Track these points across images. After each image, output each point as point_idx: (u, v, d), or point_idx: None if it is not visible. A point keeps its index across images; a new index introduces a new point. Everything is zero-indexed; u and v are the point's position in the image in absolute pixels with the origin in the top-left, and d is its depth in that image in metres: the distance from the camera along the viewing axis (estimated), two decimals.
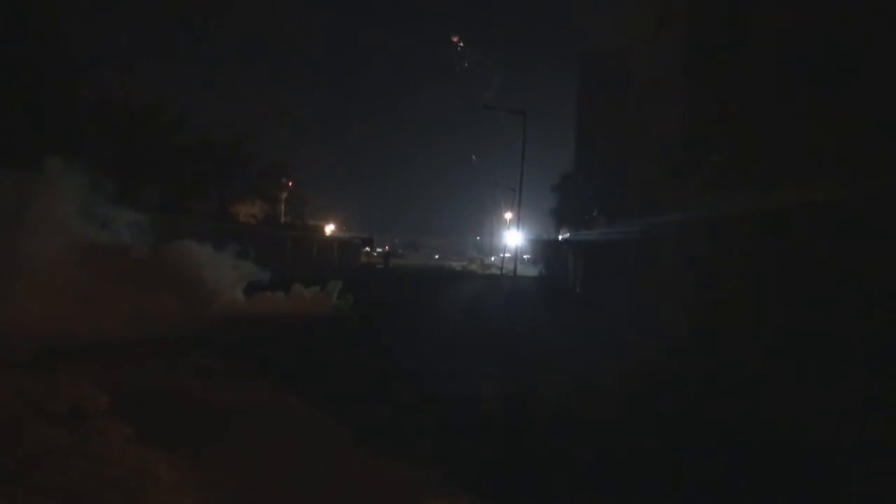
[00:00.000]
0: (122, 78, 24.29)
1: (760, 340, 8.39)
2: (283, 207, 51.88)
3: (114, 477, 3.82)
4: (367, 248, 79.32)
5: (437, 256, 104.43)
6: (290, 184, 53.17)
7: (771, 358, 8.03)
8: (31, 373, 4.12)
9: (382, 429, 6.00)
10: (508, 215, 65.17)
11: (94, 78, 22.97)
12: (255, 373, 7.97)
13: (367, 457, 5.08)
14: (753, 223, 8.53)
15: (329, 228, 70.09)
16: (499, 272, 45.25)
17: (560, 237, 36.93)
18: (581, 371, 9.93)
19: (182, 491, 4.06)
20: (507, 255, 52.25)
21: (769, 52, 9.86)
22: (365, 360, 9.94)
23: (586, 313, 20.07)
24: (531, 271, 51.87)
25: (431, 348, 11.54)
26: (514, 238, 50.37)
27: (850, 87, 7.04)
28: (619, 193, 23.09)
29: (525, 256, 70.29)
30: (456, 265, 71.58)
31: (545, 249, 48.95)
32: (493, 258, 73.75)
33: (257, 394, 6.99)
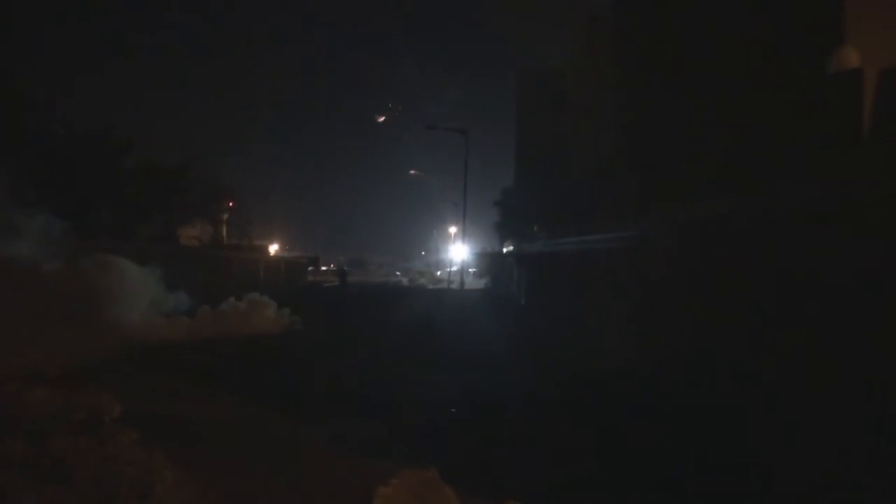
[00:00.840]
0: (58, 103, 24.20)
1: (657, 341, 9.50)
2: (225, 229, 51.45)
3: (126, 475, 4.45)
4: (312, 267, 79.10)
5: (383, 271, 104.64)
6: (232, 205, 52.82)
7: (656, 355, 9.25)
8: (51, 387, 4.70)
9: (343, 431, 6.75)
10: (453, 230, 66.48)
11: (35, 103, 22.93)
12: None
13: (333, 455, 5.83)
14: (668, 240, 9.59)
15: (274, 248, 69.67)
16: (447, 285, 46.28)
17: (504, 250, 38.13)
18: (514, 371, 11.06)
19: (184, 484, 4.73)
20: (454, 268, 53.41)
21: (687, 72, 10.98)
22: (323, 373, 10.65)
23: (528, 323, 21.11)
24: (478, 284, 53.14)
25: (384, 359, 12.35)
26: (459, 252, 51.69)
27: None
28: (555, 207, 24.31)
29: (471, 270, 71.57)
30: (403, 280, 72.27)
31: (491, 262, 50.20)
32: (438, 272, 74.76)
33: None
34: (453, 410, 8.15)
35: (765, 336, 6.14)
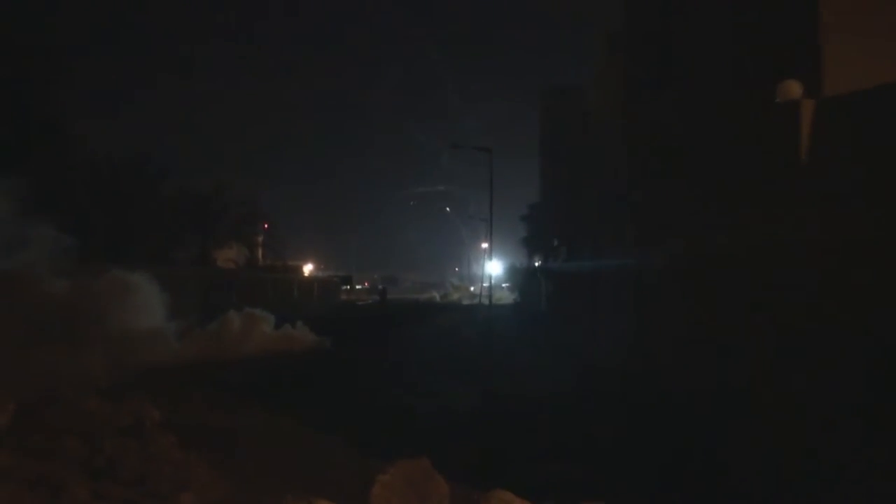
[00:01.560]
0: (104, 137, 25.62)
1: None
2: (260, 250, 52.79)
3: (166, 472, 5.15)
4: (347, 286, 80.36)
5: (416, 288, 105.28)
6: (266, 226, 54.21)
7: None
8: (100, 398, 5.43)
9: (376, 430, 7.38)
10: (485, 245, 67.11)
11: (77, 136, 24.32)
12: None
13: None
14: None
15: (308, 268, 71.03)
16: (479, 300, 46.81)
17: (532, 265, 38.62)
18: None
19: (217, 482, 5.41)
20: (486, 284, 54.10)
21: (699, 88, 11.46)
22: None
23: (549, 328, 21.84)
24: (508, 298, 53.68)
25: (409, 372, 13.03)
26: (492, 267, 52.28)
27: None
28: (578, 223, 24.80)
29: (504, 285, 71.98)
30: (436, 296, 73.06)
31: (521, 277, 50.62)
32: (472, 288, 75.26)
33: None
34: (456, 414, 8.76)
35: (721, 340, 6.97)
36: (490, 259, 39.01)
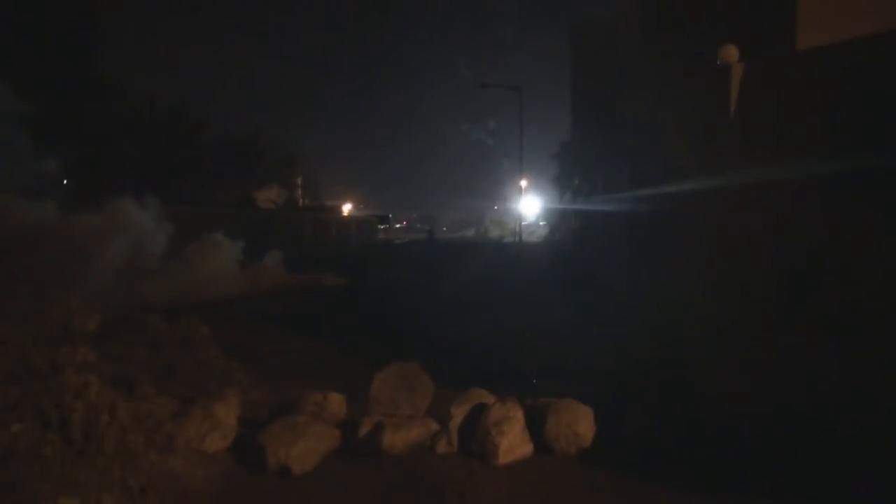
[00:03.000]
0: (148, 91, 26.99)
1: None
2: (300, 191, 54.24)
3: (214, 375, 6.40)
4: (385, 225, 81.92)
5: (443, 229, 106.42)
6: (304, 167, 55.53)
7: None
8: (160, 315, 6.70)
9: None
10: (524, 183, 67.57)
11: (119, 85, 25.65)
12: None
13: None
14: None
15: (346, 208, 72.70)
16: (514, 239, 47.97)
17: (562, 203, 39.25)
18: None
19: (255, 387, 6.67)
20: (525, 222, 55.28)
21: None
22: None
23: (576, 269, 22.88)
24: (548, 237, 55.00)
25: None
26: (529, 206, 52.99)
27: None
28: (609, 163, 25.33)
29: (541, 223, 72.80)
30: (469, 233, 74.38)
31: (553, 216, 51.28)
32: (500, 233, 76.26)
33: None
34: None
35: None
36: (522, 197, 39.67)
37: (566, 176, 37.71)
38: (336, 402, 5.70)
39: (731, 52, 5.97)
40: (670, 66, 9.41)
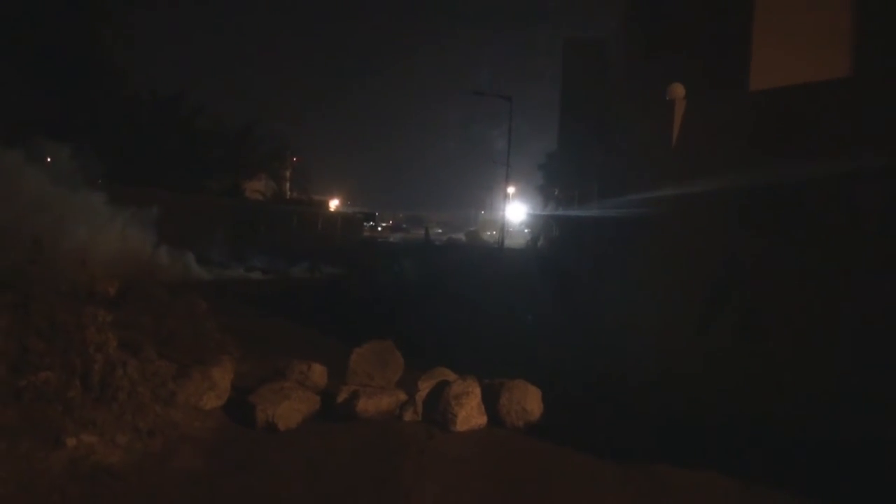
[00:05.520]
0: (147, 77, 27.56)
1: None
2: (288, 184, 54.71)
3: (208, 346, 7.19)
4: (371, 223, 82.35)
5: (439, 231, 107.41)
6: (295, 160, 56.03)
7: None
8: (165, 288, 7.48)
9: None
10: (511, 189, 68.89)
11: (120, 75, 26.23)
12: None
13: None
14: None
15: (334, 203, 73.06)
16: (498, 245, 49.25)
17: (545, 213, 40.32)
18: None
19: (246, 358, 7.47)
20: (510, 229, 56.60)
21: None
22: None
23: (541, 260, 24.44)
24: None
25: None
26: (515, 212, 54.11)
27: None
28: (586, 177, 26.42)
29: (526, 230, 73.98)
30: (457, 237, 75.36)
31: (534, 222, 52.39)
32: (491, 232, 77.23)
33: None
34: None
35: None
36: (506, 204, 40.67)
37: (550, 186, 38.73)
38: (318, 372, 6.51)
39: (678, 90, 6.85)
40: (641, 94, 10.33)
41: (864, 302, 5.50)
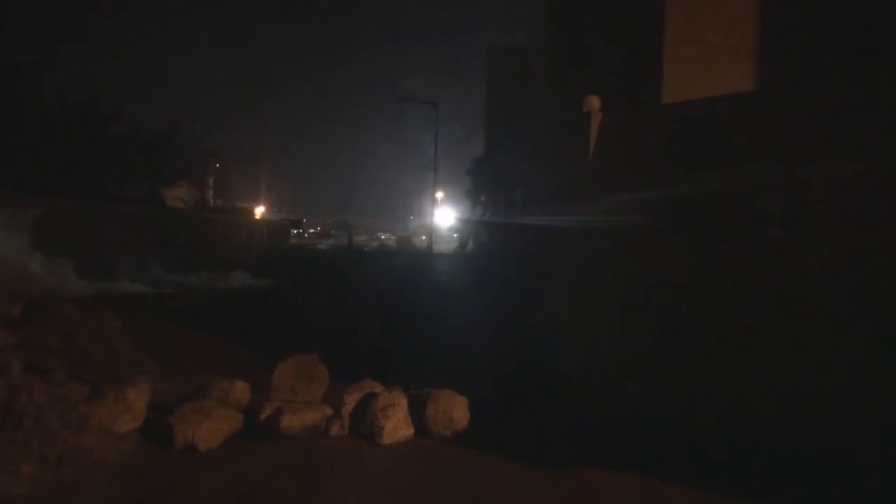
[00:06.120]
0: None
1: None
2: (210, 192, 53.13)
3: (123, 364, 6.91)
4: (299, 230, 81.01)
5: (363, 237, 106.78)
6: (218, 166, 54.47)
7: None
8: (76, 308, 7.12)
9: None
10: (440, 195, 69.26)
11: (29, 76, 24.87)
12: None
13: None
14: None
15: (259, 210, 71.53)
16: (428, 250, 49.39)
17: (472, 217, 40.68)
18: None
19: (165, 377, 7.20)
20: (440, 234, 56.94)
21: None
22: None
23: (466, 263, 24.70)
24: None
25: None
26: (444, 217, 54.49)
27: None
28: (511, 182, 26.94)
29: (454, 235, 74.56)
30: (388, 242, 75.11)
31: (463, 227, 52.87)
32: (422, 237, 77.38)
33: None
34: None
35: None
36: (435, 210, 40.85)
37: (477, 191, 39.15)
38: (241, 389, 6.35)
39: (594, 102, 7.08)
40: (560, 104, 10.62)
41: (769, 303, 5.83)
